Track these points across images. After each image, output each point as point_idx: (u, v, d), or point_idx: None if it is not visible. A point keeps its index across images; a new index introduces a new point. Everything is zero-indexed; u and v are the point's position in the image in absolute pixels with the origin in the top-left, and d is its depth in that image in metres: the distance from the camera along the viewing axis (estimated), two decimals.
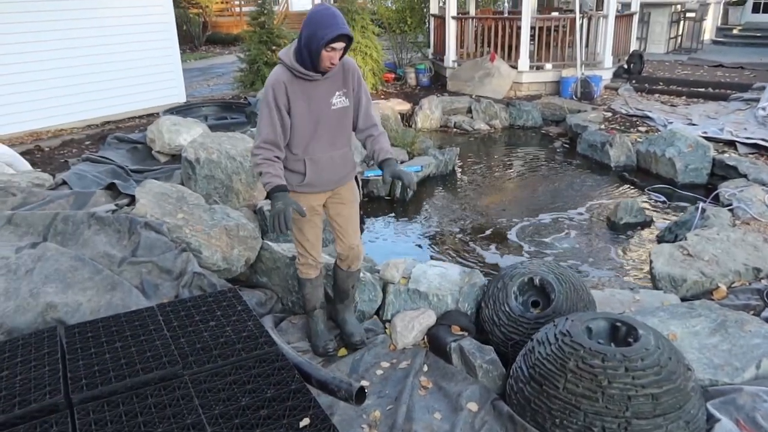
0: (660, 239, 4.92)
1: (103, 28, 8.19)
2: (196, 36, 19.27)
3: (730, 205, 4.95)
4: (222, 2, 22.59)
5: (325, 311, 3.28)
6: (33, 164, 5.91)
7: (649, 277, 4.04)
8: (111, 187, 4.91)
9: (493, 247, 4.97)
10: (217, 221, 3.93)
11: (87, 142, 7.21)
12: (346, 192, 3.02)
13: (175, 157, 6.03)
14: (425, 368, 3.01)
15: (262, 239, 4.04)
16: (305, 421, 2.15)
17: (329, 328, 3.30)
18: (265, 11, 10.32)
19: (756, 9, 15.87)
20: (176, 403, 2.21)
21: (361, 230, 5.23)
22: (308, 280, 3.13)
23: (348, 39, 2.58)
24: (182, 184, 4.88)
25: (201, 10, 19.73)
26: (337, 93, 2.77)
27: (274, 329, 3.25)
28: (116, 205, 4.46)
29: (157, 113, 7.96)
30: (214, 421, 2.13)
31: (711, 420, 2.49)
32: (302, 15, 24.35)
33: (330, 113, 2.77)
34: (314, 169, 2.83)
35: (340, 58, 2.66)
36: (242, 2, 23.33)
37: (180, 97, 9.29)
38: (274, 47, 10.21)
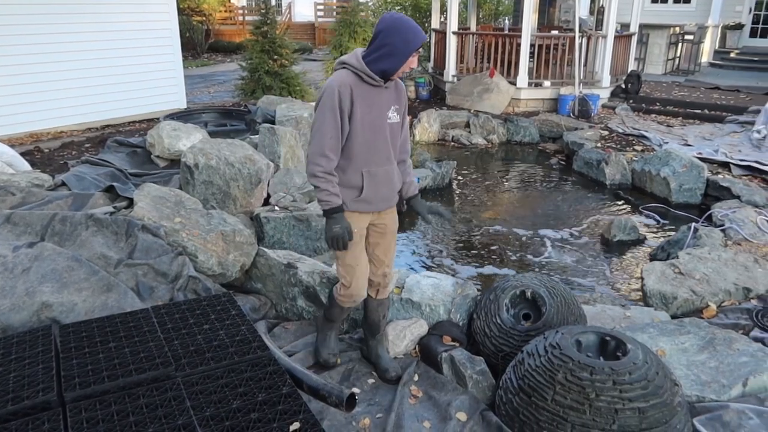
0: (652, 257, 4.97)
1: (105, 33, 8.25)
2: (198, 43, 19.39)
3: (723, 225, 5.00)
4: (225, 11, 22.76)
5: (339, 328, 3.21)
6: (32, 165, 5.93)
7: (641, 294, 4.08)
8: (110, 190, 4.93)
9: (486, 259, 5.01)
10: (213, 226, 3.96)
11: (87, 145, 7.24)
12: (390, 220, 2.94)
13: (174, 162, 6.06)
14: (416, 377, 3.03)
15: (258, 245, 4.07)
16: (295, 425, 2.17)
17: (338, 342, 3.21)
18: (268, 21, 10.41)
19: (753, 34, 16.05)
20: (168, 404, 2.23)
21: None
22: (340, 307, 2.98)
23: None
24: (181, 188, 4.91)
25: (204, 18, 19.87)
26: (393, 107, 2.76)
27: (267, 334, 3.26)
28: (114, 207, 4.49)
29: (158, 118, 8.01)
30: (205, 422, 2.15)
31: None
32: (305, 26, 24.53)
33: (386, 125, 2.73)
34: (372, 183, 2.72)
35: None
36: (245, 11, 23.51)
37: (181, 103, 9.34)
38: (275, 56, 10.29)
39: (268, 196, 5.17)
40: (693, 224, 4.96)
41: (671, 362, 2.93)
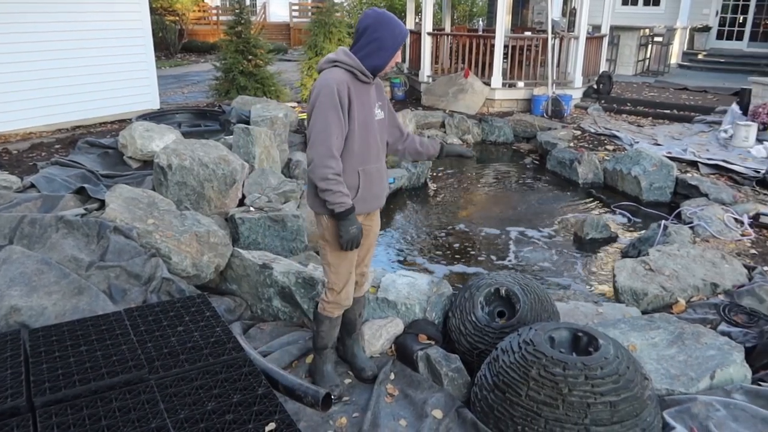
0: (624, 254, 5.06)
1: (76, 32, 8.10)
2: (171, 43, 19.15)
3: (691, 223, 5.12)
4: (199, 11, 22.52)
5: (335, 350, 3.10)
6: (0, 167, 5.81)
7: (613, 290, 4.15)
8: (81, 192, 4.86)
9: (461, 258, 5.04)
10: (187, 227, 3.93)
11: (57, 146, 7.11)
12: (375, 222, 2.93)
13: (147, 163, 5.99)
14: (392, 376, 3.05)
15: (233, 246, 4.04)
16: (271, 426, 2.16)
17: (336, 368, 3.08)
18: (243, 21, 10.34)
19: (720, 36, 16.45)
20: (141, 407, 2.20)
21: None
22: (329, 319, 2.88)
23: None
24: (154, 190, 4.86)
25: (178, 18, 19.63)
26: (378, 104, 2.75)
27: (242, 335, 3.25)
28: (85, 209, 4.42)
29: (130, 119, 7.89)
30: (179, 425, 2.13)
31: (666, 428, 2.57)
32: (280, 26, 24.35)
33: (375, 123, 2.72)
34: (367, 182, 2.69)
35: None
36: (219, 11, 23.30)
37: (154, 104, 9.22)
38: (250, 56, 10.22)
39: (243, 196, 5.14)
40: (663, 222, 5.06)
41: (642, 357, 2.99)
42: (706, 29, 16.26)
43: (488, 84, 10.26)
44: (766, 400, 2.74)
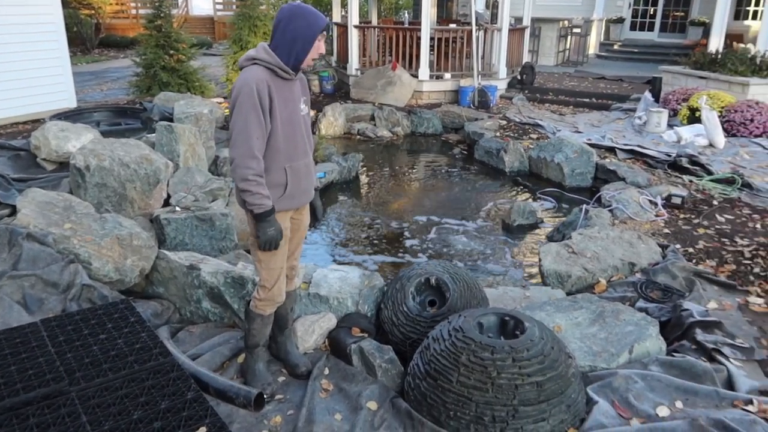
0: (549, 239, 5.25)
1: None
2: (88, 38, 18.22)
3: (610, 206, 5.36)
4: (116, 4, 21.53)
5: (267, 349, 3.08)
6: None
7: (539, 274, 4.29)
8: None
9: (392, 250, 5.09)
10: (108, 231, 3.77)
11: None
12: (305, 215, 2.92)
13: (63, 165, 5.70)
14: (326, 371, 3.04)
15: (159, 248, 3.92)
16: (202, 431, 2.12)
17: (269, 366, 3.06)
18: (162, 14, 9.97)
19: (633, 27, 17.26)
20: (61, 422, 2.11)
21: None
22: (261, 316, 2.84)
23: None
24: (71, 192, 4.63)
25: (94, 11, 18.69)
26: (303, 99, 2.73)
27: (170, 339, 3.15)
28: None
29: (44, 119, 7.48)
30: None
31: (590, 403, 2.70)
32: (203, 19, 23.56)
33: (300, 118, 2.69)
34: (295, 179, 2.67)
35: None
36: (138, 5, 22.36)
37: (70, 102, 8.76)
38: (172, 51, 9.88)
39: (169, 196, 4.98)
40: (584, 206, 5.28)
41: (566, 336, 3.12)
42: (621, 21, 17.01)
43: (416, 76, 10.36)
44: (679, 370, 2.92)
